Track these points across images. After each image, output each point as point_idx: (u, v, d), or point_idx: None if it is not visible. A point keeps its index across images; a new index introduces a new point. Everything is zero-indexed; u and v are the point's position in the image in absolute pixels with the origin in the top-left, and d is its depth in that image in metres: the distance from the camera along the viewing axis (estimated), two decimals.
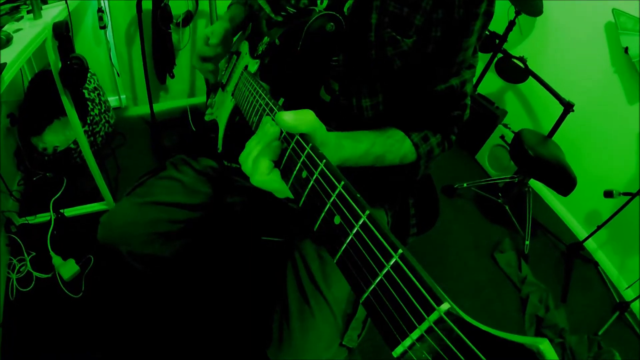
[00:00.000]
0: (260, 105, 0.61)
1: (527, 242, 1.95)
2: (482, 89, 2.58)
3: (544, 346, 0.20)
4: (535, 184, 2.40)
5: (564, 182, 1.78)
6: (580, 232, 2.17)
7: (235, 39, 0.99)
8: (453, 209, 2.17)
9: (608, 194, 1.69)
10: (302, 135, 0.44)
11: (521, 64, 2.10)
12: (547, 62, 2.25)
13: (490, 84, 2.61)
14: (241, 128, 0.84)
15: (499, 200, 2.14)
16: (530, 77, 2.09)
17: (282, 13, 0.75)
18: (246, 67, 0.83)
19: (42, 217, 1.55)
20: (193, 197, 0.92)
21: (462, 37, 0.64)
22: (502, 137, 2.32)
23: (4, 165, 1.54)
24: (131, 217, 0.86)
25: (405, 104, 0.74)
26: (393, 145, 0.71)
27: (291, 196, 0.47)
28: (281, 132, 0.48)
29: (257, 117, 0.61)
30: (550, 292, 1.77)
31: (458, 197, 2.25)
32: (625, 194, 1.68)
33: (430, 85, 0.69)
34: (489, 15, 0.65)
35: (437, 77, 0.69)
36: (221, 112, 0.93)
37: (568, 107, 1.87)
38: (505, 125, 2.33)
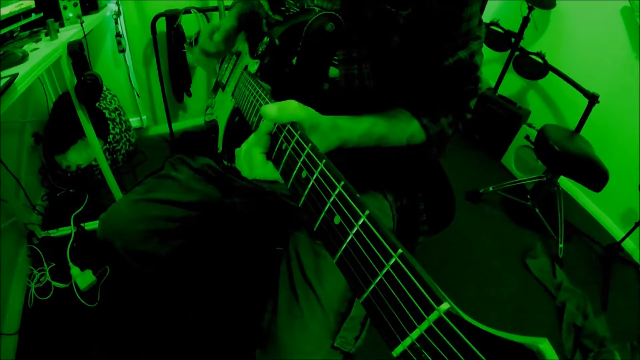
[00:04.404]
0: (261, 105, 0.60)
1: (560, 246, 1.81)
2: (502, 90, 2.50)
3: (544, 346, 0.20)
4: (566, 184, 2.27)
5: (594, 176, 1.66)
6: (617, 232, 2.00)
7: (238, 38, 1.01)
8: (479, 215, 2.07)
9: None
10: (291, 124, 0.46)
11: (540, 60, 2.02)
12: (566, 55, 2.17)
13: (511, 85, 2.54)
14: (241, 128, 0.84)
15: (528, 203, 2.02)
16: (550, 72, 2.01)
17: (282, 8, 0.75)
18: (246, 67, 0.83)
19: (63, 230, 1.61)
20: (189, 195, 0.91)
21: (462, 7, 0.62)
22: (527, 137, 2.22)
23: (29, 181, 1.63)
24: (127, 214, 0.87)
25: (413, 82, 0.72)
26: (397, 125, 0.68)
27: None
28: (275, 125, 0.50)
29: (257, 117, 0.61)
30: (588, 298, 1.63)
31: (484, 203, 2.15)
32: None
33: (436, 60, 0.67)
34: None
35: (444, 52, 0.67)
36: (221, 112, 0.93)
37: (593, 99, 1.78)
38: (530, 125, 2.23)
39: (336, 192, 0.36)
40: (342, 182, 0.36)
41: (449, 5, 0.61)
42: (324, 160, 0.39)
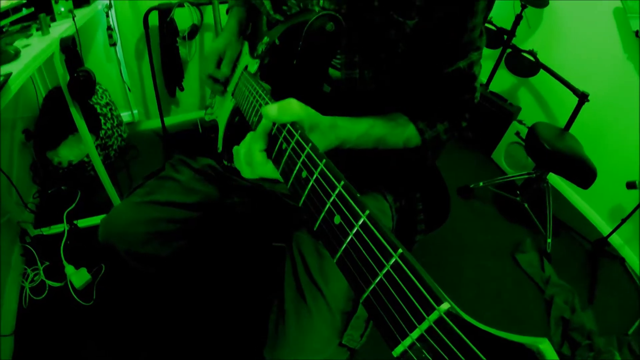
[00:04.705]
0: (260, 105, 0.61)
1: (548, 241, 1.86)
2: (494, 87, 2.52)
3: (544, 346, 0.20)
4: (555, 181, 2.32)
5: (583, 173, 1.70)
6: (605, 228, 2.06)
7: None
8: (470, 210, 2.11)
9: (631, 185, 1.61)
10: (291, 123, 0.46)
11: (531, 58, 2.05)
12: (557, 53, 2.19)
13: (502, 81, 2.56)
14: (241, 128, 0.84)
15: (518, 199, 2.06)
16: (541, 70, 2.03)
17: (283, 7, 0.75)
18: (246, 67, 0.83)
19: (56, 228, 1.59)
20: (190, 196, 0.91)
21: (466, 18, 0.63)
22: (517, 133, 2.25)
23: (20, 178, 1.60)
24: (129, 217, 0.87)
25: (412, 87, 0.73)
26: (395, 128, 0.69)
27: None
28: (274, 125, 0.49)
29: (257, 117, 0.61)
30: (576, 292, 1.68)
31: (474, 198, 2.18)
32: None
33: (436, 68, 0.68)
34: None
35: (444, 60, 0.67)
36: (221, 112, 0.93)
37: (582, 97, 1.81)
38: (520, 122, 2.26)
39: (336, 192, 0.36)
40: (342, 182, 0.36)
41: (455, 16, 0.62)
42: (324, 160, 0.39)
